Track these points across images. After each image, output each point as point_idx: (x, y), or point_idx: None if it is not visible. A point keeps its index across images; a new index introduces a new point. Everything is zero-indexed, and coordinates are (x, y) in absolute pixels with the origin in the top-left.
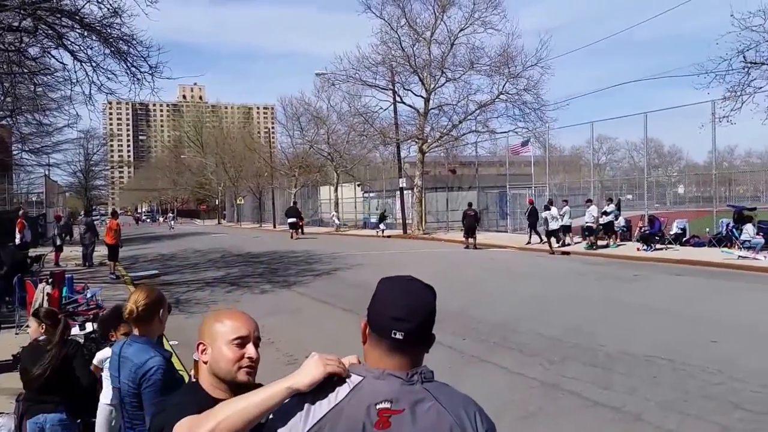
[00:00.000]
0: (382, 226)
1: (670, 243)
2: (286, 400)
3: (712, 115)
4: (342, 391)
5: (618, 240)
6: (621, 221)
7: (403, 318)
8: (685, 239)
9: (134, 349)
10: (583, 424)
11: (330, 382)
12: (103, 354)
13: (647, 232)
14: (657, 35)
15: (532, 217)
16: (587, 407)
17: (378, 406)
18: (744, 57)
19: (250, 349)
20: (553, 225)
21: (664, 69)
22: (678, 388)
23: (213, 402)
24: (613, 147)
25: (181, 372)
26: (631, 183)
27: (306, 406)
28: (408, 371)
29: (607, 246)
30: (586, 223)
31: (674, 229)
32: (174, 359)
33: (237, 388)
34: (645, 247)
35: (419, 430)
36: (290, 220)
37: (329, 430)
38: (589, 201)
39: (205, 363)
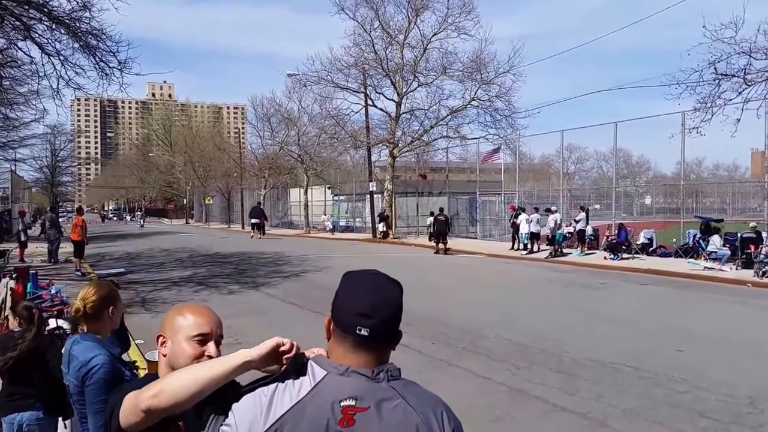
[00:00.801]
0: (381, 227)
1: (637, 252)
2: (246, 397)
3: (682, 125)
4: (304, 387)
5: (585, 248)
6: (589, 230)
7: (368, 314)
8: (651, 249)
9: (81, 347)
10: (550, 429)
11: (291, 377)
12: None
13: (614, 241)
14: (627, 47)
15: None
16: (554, 412)
17: (342, 403)
18: (715, 68)
19: (210, 348)
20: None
21: (634, 81)
22: (644, 396)
23: None
24: (583, 156)
25: (142, 370)
26: (599, 192)
27: (267, 402)
28: (374, 368)
29: (564, 254)
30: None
31: (641, 239)
32: (138, 356)
33: None
34: (612, 256)
35: (385, 428)
36: (253, 220)
37: (291, 427)
38: (548, 210)
39: (164, 356)
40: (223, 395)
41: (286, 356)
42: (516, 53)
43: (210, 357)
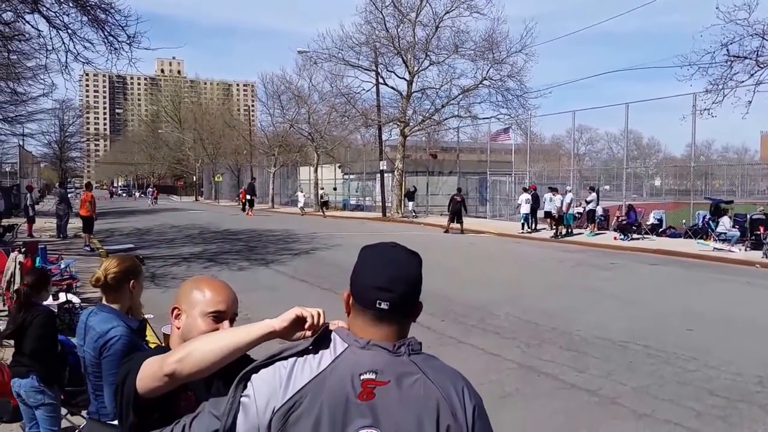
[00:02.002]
0: (410, 206)
1: (646, 233)
2: (265, 369)
3: (694, 107)
4: (324, 360)
5: (595, 229)
6: (599, 211)
7: (388, 287)
8: (661, 230)
9: (99, 319)
10: (560, 405)
11: (311, 349)
12: None
13: (624, 221)
14: (639, 29)
15: (534, 203)
16: (564, 389)
17: (362, 377)
18: (727, 50)
19: (225, 326)
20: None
21: (644, 63)
22: (653, 374)
23: None
24: (593, 138)
25: (153, 345)
26: (609, 173)
27: (287, 374)
28: (394, 342)
29: (569, 234)
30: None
31: (651, 220)
32: (148, 331)
33: None
34: (622, 236)
35: (405, 403)
36: (248, 197)
37: (311, 399)
38: (555, 190)
39: (178, 329)
40: (235, 367)
41: (309, 328)
42: (528, 33)
43: None
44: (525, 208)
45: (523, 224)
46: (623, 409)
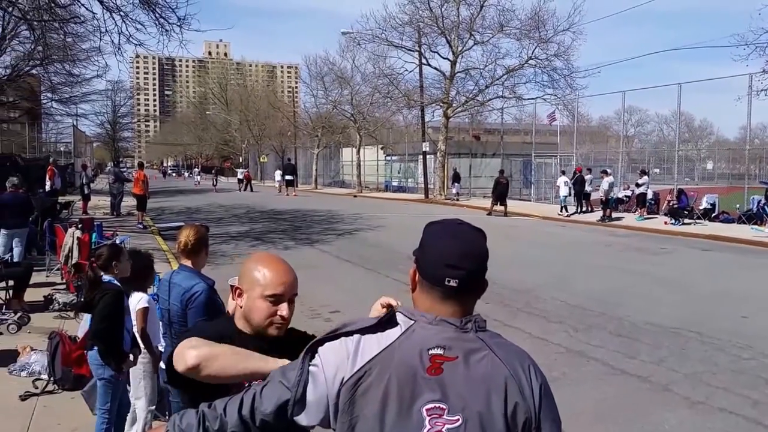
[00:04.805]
0: (455, 189)
1: (698, 218)
2: (331, 342)
3: (749, 88)
4: (393, 333)
5: (645, 213)
6: (649, 194)
7: (457, 264)
8: (714, 215)
9: (182, 276)
10: (609, 391)
11: (381, 324)
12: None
13: (676, 206)
14: (689, 6)
15: (578, 185)
16: (613, 375)
17: (430, 352)
18: None
19: (283, 308)
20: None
21: (695, 42)
22: (707, 361)
23: (238, 333)
24: (643, 119)
25: None
26: (659, 156)
27: (354, 346)
28: (461, 318)
29: (615, 218)
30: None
31: (704, 205)
32: None
33: (264, 337)
34: (673, 221)
35: (472, 379)
36: (287, 177)
37: (379, 372)
38: (605, 172)
39: (240, 307)
40: (294, 343)
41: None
42: (576, 10)
43: (282, 317)
44: (564, 191)
45: (562, 207)
46: (675, 396)
